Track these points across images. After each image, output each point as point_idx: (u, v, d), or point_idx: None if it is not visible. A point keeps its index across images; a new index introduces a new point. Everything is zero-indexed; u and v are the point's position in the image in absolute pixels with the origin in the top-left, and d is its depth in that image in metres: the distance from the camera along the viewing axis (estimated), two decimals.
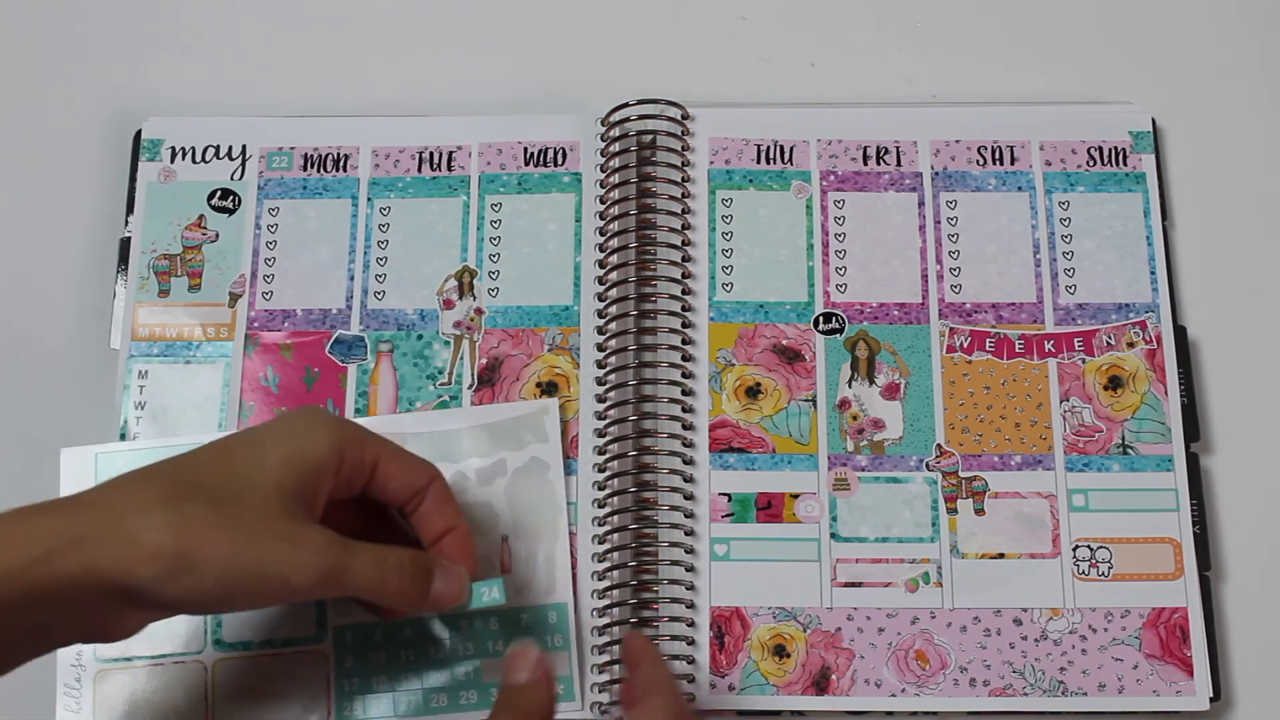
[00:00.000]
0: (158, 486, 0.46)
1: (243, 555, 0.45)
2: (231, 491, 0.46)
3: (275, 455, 0.48)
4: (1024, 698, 0.57)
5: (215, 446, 0.48)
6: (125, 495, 0.45)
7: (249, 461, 0.47)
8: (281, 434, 0.49)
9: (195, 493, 0.45)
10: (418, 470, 0.52)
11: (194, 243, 0.63)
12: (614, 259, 0.62)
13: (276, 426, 0.49)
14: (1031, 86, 0.67)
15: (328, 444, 0.49)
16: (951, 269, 0.63)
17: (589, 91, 0.66)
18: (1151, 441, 0.60)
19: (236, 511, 0.46)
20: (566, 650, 0.57)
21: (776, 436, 0.60)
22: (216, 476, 0.47)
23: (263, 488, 0.47)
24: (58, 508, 0.45)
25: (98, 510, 0.44)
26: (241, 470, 0.47)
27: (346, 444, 0.50)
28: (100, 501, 0.45)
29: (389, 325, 0.62)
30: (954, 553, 0.59)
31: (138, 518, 0.44)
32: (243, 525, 0.45)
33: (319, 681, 0.57)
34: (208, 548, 0.44)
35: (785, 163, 0.64)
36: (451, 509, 0.53)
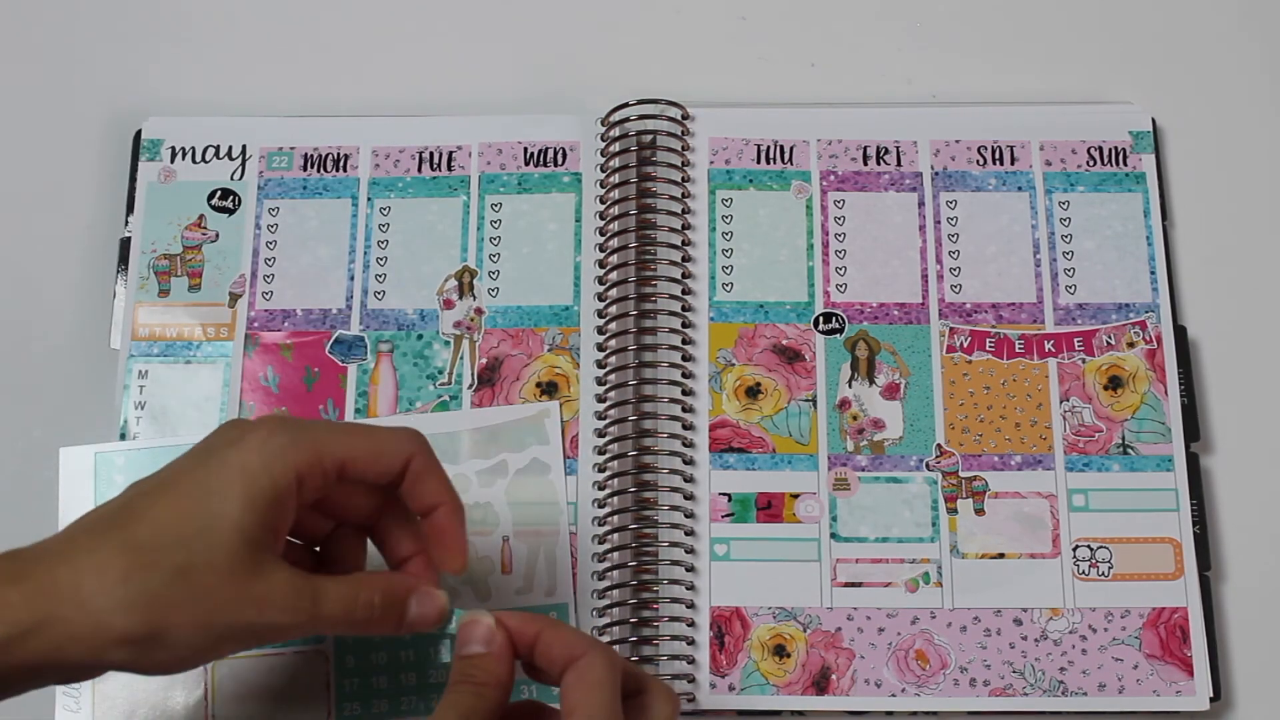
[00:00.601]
0: (117, 557, 0.43)
1: (212, 625, 0.44)
2: (193, 553, 0.44)
3: (234, 501, 0.44)
4: (1024, 698, 0.57)
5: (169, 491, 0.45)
6: (84, 572, 0.43)
7: (208, 513, 0.44)
8: (235, 469, 0.45)
9: (157, 560, 0.43)
10: (390, 454, 0.48)
11: (194, 243, 0.63)
12: (614, 259, 0.62)
13: (229, 459, 0.45)
14: (1031, 86, 0.67)
15: (283, 472, 0.45)
16: (951, 269, 0.63)
17: (589, 91, 0.66)
18: (1151, 441, 0.60)
19: (201, 578, 0.43)
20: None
21: (776, 436, 0.60)
22: (175, 534, 0.44)
23: (226, 542, 0.44)
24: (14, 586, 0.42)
25: (58, 594, 0.42)
26: (201, 522, 0.44)
27: (304, 465, 0.46)
28: (60, 580, 0.42)
29: (389, 325, 0.62)
30: (954, 553, 0.59)
31: (101, 600, 0.42)
32: (209, 593, 0.44)
33: (319, 681, 0.57)
34: (176, 623, 0.43)
35: (785, 163, 0.64)
36: (436, 482, 0.49)
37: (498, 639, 0.46)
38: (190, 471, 0.45)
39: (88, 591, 0.42)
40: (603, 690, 0.44)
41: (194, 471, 0.45)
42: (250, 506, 0.44)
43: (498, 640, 0.46)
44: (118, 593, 0.42)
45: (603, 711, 0.44)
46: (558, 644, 0.46)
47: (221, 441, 0.46)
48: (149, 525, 0.44)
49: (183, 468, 0.46)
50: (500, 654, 0.46)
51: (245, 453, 0.45)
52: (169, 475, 0.46)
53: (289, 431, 0.46)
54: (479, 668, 0.45)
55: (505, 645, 0.46)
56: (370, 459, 0.47)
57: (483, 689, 0.45)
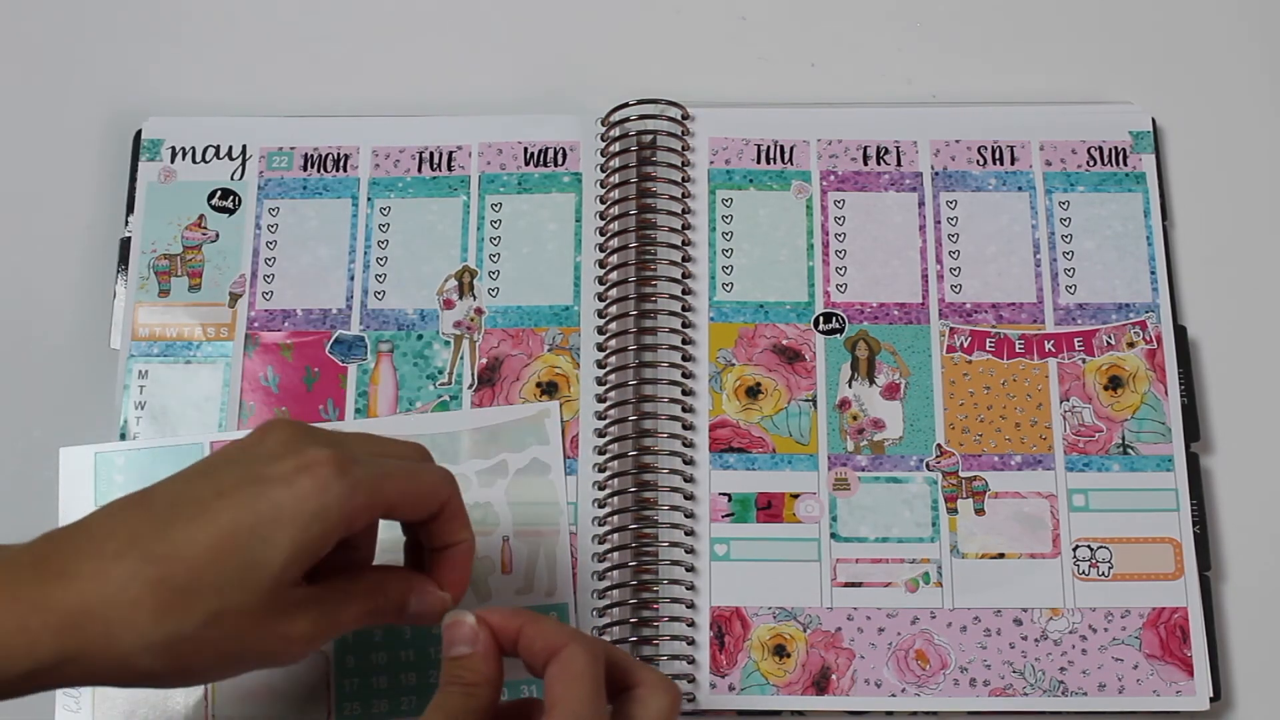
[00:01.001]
0: (150, 596, 0.42)
1: (236, 662, 0.45)
2: (227, 598, 0.43)
3: (281, 549, 0.43)
4: (1024, 698, 0.57)
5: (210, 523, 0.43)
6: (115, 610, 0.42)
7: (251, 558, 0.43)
8: (288, 515, 0.43)
9: (193, 603, 0.42)
10: (432, 498, 0.48)
11: (194, 243, 0.63)
12: (614, 259, 0.62)
13: (283, 502, 0.43)
14: (1031, 86, 0.67)
15: (338, 521, 0.44)
16: (951, 269, 0.63)
17: (589, 91, 0.66)
18: (1151, 441, 0.60)
19: (234, 622, 0.43)
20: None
21: (776, 436, 0.60)
22: (213, 577, 0.43)
23: (264, 587, 0.43)
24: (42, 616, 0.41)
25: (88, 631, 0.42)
26: (242, 564, 0.43)
27: (357, 512, 0.45)
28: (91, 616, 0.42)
29: (389, 325, 0.62)
30: (954, 553, 0.59)
31: (130, 643, 0.42)
32: (238, 635, 0.44)
33: (319, 681, 0.57)
34: (200, 663, 0.44)
35: (785, 163, 0.64)
36: (460, 523, 0.49)
37: (482, 638, 0.45)
38: (236, 503, 0.44)
39: (118, 633, 0.42)
40: (583, 682, 0.44)
41: (240, 505, 0.43)
42: (296, 556, 0.44)
43: (482, 639, 0.45)
44: (149, 635, 0.42)
45: (584, 704, 0.44)
46: (539, 638, 0.45)
47: (275, 474, 0.44)
48: (185, 565, 0.42)
49: (226, 490, 0.44)
50: (486, 652, 0.45)
51: (300, 499, 0.44)
52: (211, 498, 0.44)
53: (347, 478, 0.44)
54: (466, 668, 0.45)
55: (490, 643, 0.45)
56: (415, 503, 0.48)
57: (471, 689, 0.45)
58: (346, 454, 0.45)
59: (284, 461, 0.44)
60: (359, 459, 0.46)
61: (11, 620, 0.41)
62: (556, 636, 0.45)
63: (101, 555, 0.43)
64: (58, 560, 0.43)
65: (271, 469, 0.44)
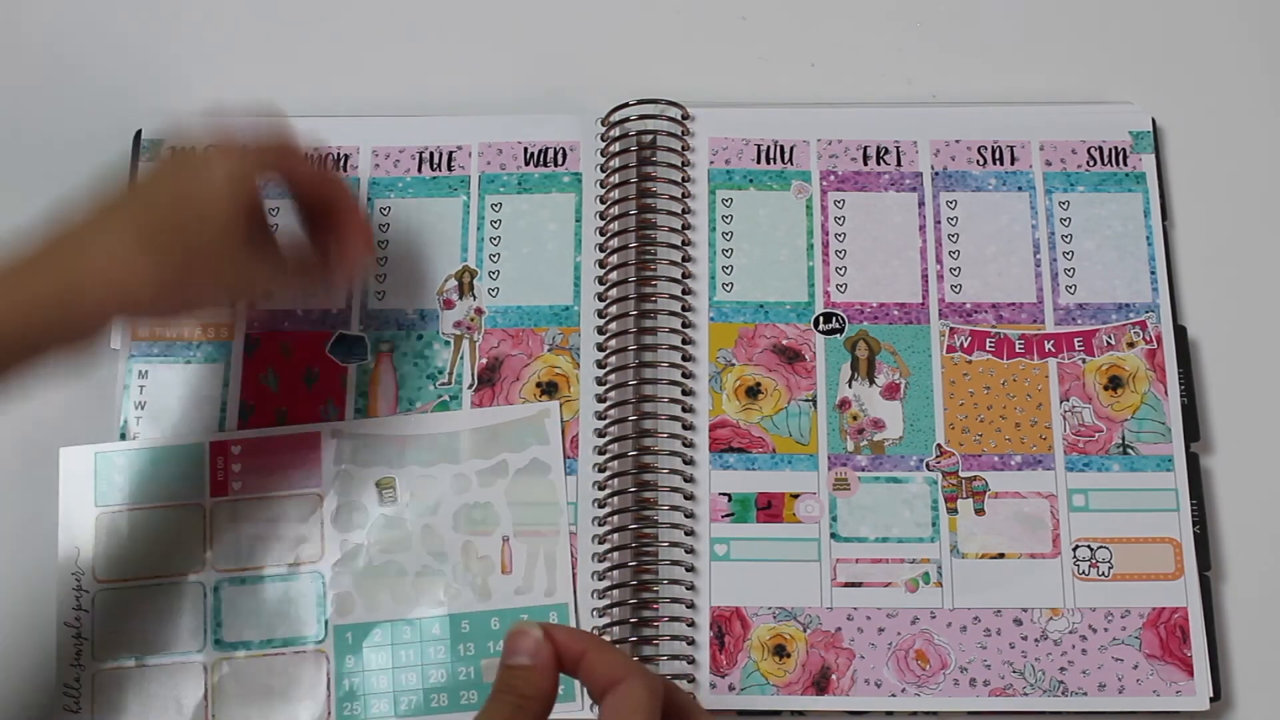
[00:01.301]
0: (136, 233, 0.50)
1: (212, 294, 0.54)
2: (195, 236, 0.52)
3: (219, 202, 0.52)
4: (1024, 698, 0.57)
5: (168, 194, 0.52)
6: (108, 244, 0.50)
7: (203, 215, 0.52)
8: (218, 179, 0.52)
9: (170, 240, 0.51)
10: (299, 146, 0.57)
11: None
12: (614, 259, 0.62)
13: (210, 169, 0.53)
14: (1031, 86, 0.67)
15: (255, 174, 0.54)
16: (951, 269, 0.63)
17: (589, 91, 0.66)
18: (1151, 441, 0.60)
19: (206, 259, 0.52)
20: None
21: (776, 436, 0.60)
22: (176, 220, 0.51)
23: (217, 230, 0.52)
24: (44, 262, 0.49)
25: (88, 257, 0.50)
26: (198, 219, 0.52)
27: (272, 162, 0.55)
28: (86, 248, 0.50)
29: (389, 325, 0.62)
30: (954, 553, 0.59)
31: (124, 263, 0.50)
32: (212, 271, 0.52)
33: (319, 681, 0.57)
34: (185, 292, 0.52)
35: (785, 163, 0.64)
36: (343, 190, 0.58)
37: (544, 652, 0.45)
38: (175, 179, 0.53)
39: (112, 262, 0.49)
40: (639, 717, 0.44)
41: (179, 179, 0.53)
42: (232, 209, 0.52)
43: (544, 654, 0.45)
44: (138, 263, 0.50)
45: None
46: (601, 665, 0.45)
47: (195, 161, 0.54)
48: (153, 216, 0.51)
49: (161, 176, 0.54)
50: (545, 668, 0.45)
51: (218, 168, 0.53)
52: (150, 184, 0.54)
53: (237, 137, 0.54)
54: (523, 679, 0.45)
55: (550, 659, 0.45)
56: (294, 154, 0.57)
57: (524, 701, 0.44)
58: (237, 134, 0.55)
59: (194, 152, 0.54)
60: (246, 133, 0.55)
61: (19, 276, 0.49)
62: (619, 667, 0.45)
63: (85, 224, 0.51)
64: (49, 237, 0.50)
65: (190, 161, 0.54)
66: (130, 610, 0.58)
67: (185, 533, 0.59)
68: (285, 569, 0.59)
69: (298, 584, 0.58)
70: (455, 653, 0.58)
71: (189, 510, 0.59)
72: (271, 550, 0.59)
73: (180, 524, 0.59)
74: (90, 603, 0.58)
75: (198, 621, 0.58)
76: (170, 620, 0.58)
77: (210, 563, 0.59)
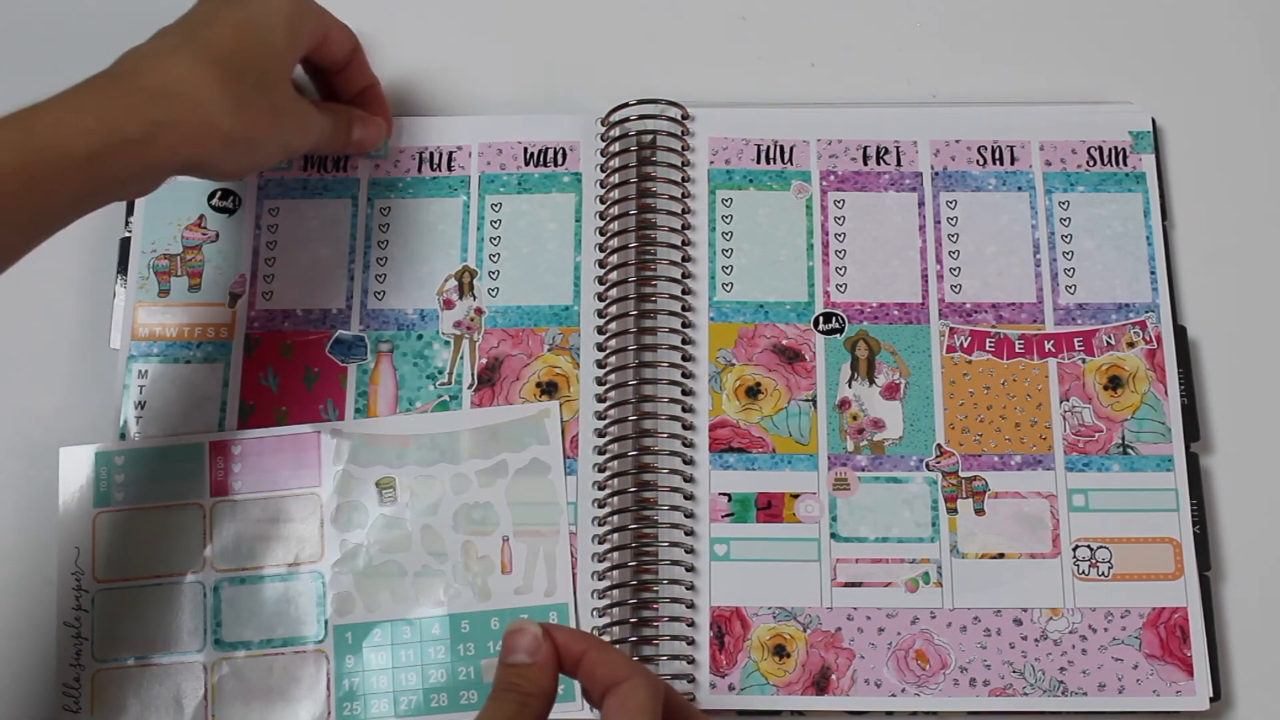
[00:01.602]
0: (213, 67, 0.51)
1: (280, 136, 0.55)
2: (265, 74, 0.54)
3: (281, 34, 0.55)
4: (1024, 698, 0.57)
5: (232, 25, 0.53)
6: (190, 79, 0.51)
7: (267, 44, 0.54)
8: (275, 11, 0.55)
9: (244, 76, 0.52)
10: (350, 37, 0.60)
11: (194, 243, 0.63)
12: (614, 259, 0.62)
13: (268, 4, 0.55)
14: (1031, 86, 0.67)
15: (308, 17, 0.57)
16: (951, 269, 0.63)
17: (589, 91, 0.66)
18: (1151, 441, 0.60)
19: (274, 97, 0.54)
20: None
21: (776, 436, 0.60)
22: (246, 52, 0.53)
23: (280, 71, 0.55)
24: (141, 93, 0.49)
25: (179, 99, 0.50)
26: (263, 49, 0.54)
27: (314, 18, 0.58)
28: (175, 89, 0.50)
29: (389, 325, 0.62)
30: (954, 553, 0.59)
31: (212, 107, 0.51)
32: (280, 110, 0.55)
33: (319, 681, 0.57)
34: (262, 132, 0.54)
35: (785, 163, 0.64)
36: (369, 69, 0.63)
37: (543, 650, 0.45)
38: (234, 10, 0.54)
39: (199, 97, 0.51)
40: (643, 718, 0.44)
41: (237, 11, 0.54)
42: (291, 42, 0.55)
43: (543, 651, 0.45)
44: (222, 99, 0.51)
45: None
46: (602, 665, 0.45)
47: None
48: (224, 48, 0.52)
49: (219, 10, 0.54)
50: (545, 665, 0.45)
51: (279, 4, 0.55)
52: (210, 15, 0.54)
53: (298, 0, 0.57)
54: (524, 677, 0.45)
55: (550, 657, 0.45)
56: (342, 36, 0.60)
57: (527, 699, 0.44)
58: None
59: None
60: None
61: (102, 103, 0.48)
62: (621, 668, 0.45)
63: (158, 55, 0.51)
64: (125, 69, 0.51)
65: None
66: (130, 610, 0.58)
67: (185, 532, 0.59)
68: (285, 569, 0.59)
69: (297, 584, 0.58)
70: (455, 653, 0.58)
71: (189, 510, 0.59)
72: (271, 550, 0.59)
73: (180, 524, 0.59)
74: (90, 602, 0.58)
75: (197, 621, 0.58)
76: (170, 620, 0.58)
77: (210, 562, 0.59)
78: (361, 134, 0.62)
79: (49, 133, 0.47)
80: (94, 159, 0.48)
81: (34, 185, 0.46)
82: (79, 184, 0.48)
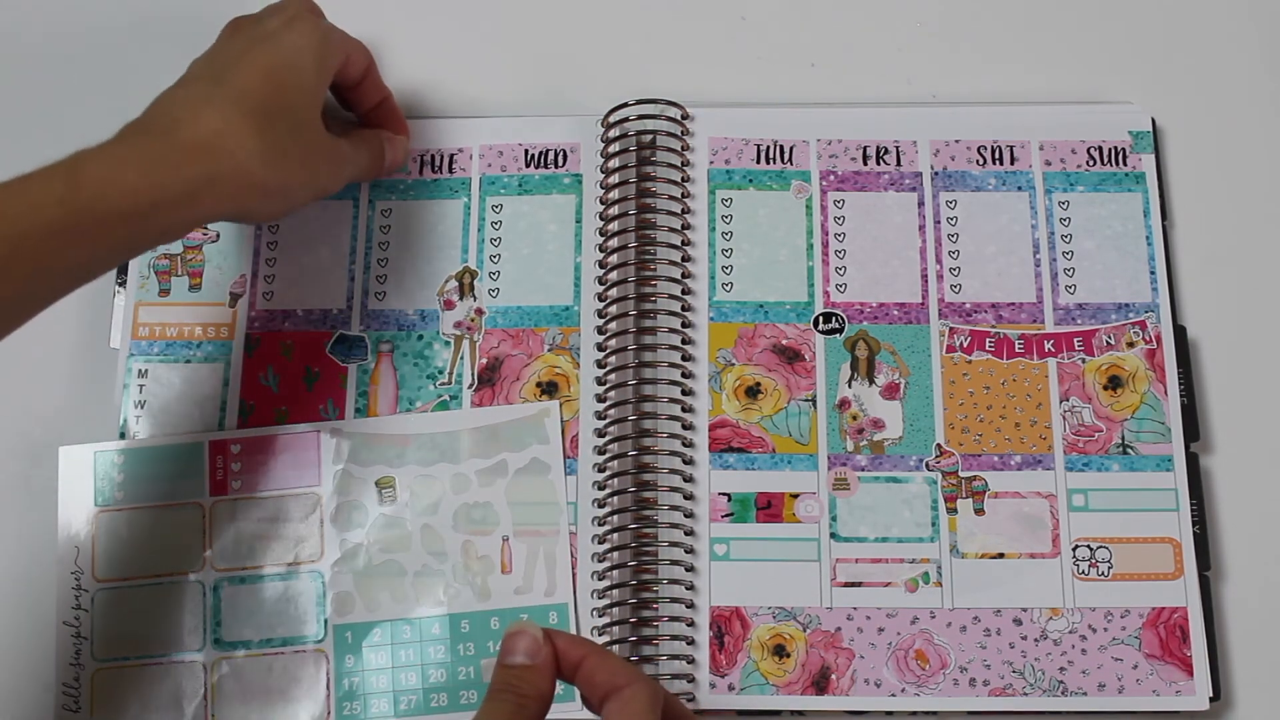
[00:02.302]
0: (246, 116, 0.51)
1: (314, 181, 0.56)
2: (297, 118, 0.54)
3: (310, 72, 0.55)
4: (1024, 698, 0.57)
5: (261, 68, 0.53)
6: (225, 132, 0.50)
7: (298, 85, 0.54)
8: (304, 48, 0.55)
9: (276, 124, 0.52)
10: (365, 55, 0.60)
11: (194, 243, 0.64)
12: (614, 259, 0.62)
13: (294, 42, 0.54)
14: (1031, 86, 0.67)
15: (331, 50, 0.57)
16: (951, 269, 0.63)
17: (589, 92, 0.66)
18: (1151, 441, 0.60)
19: (308, 142, 0.55)
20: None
21: (776, 436, 0.60)
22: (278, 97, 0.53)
23: (313, 112, 0.55)
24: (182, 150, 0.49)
25: (217, 154, 0.50)
26: (294, 91, 0.54)
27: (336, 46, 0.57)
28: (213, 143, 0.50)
29: (389, 325, 0.62)
30: (954, 552, 0.59)
31: (249, 160, 0.51)
32: (311, 155, 0.55)
33: (319, 681, 0.57)
34: (296, 179, 0.54)
35: (785, 163, 0.64)
36: (382, 83, 0.63)
37: (543, 653, 0.45)
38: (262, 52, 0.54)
39: (236, 150, 0.50)
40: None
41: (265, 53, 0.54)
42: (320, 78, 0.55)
43: (543, 654, 0.45)
44: (257, 148, 0.51)
45: None
46: (602, 671, 0.45)
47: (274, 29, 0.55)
48: (255, 95, 0.52)
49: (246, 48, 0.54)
50: (544, 669, 0.45)
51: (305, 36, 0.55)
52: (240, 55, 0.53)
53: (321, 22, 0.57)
54: (523, 680, 0.45)
55: (550, 661, 0.45)
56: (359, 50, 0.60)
57: (525, 701, 0.44)
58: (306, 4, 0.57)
59: (273, 19, 0.56)
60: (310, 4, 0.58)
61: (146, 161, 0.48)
62: (620, 674, 0.45)
63: (193, 105, 0.51)
64: (162, 121, 0.51)
65: (268, 26, 0.55)
66: (130, 609, 0.58)
67: (185, 532, 0.59)
68: (285, 568, 0.59)
69: (297, 583, 0.58)
70: (455, 652, 0.58)
71: (188, 509, 0.59)
72: (271, 549, 0.59)
73: (180, 523, 0.59)
74: (90, 602, 0.58)
75: (197, 621, 0.58)
76: (170, 619, 0.58)
77: (210, 562, 0.59)
78: (391, 158, 0.62)
79: (95, 188, 0.47)
80: (138, 216, 0.48)
81: (77, 240, 0.47)
82: (120, 239, 0.48)
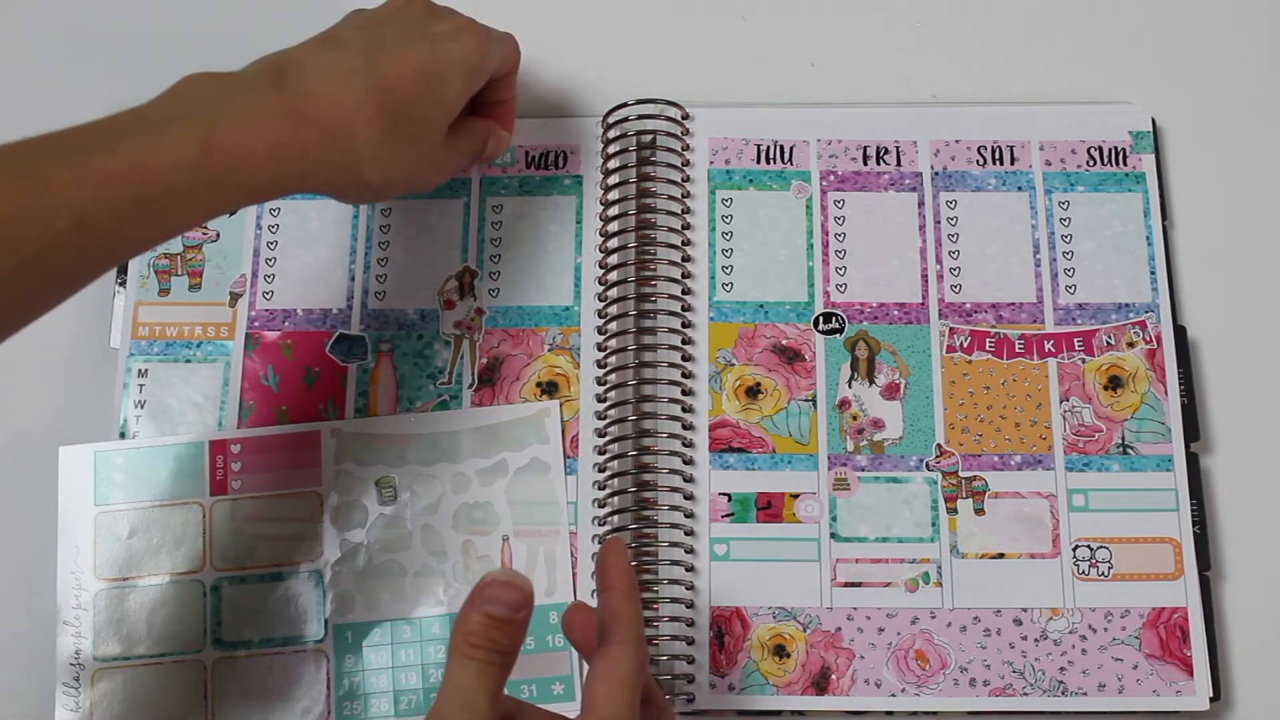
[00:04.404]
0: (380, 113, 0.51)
1: (411, 184, 0.55)
2: (423, 124, 0.53)
3: (454, 89, 0.54)
4: (1024, 698, 0.57)
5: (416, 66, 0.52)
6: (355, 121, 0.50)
7: (439, 98, 0.54)
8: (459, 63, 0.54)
9: (402, 129, 0.52)
10: (515, 56, 0.60)
11: (194, 242, 0.64)
12: (614, 259, 0.62)
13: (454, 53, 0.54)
14: (1031, 86, 0.67)
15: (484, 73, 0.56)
16: (951, 269, 0.63)
17: (589, 92, 0.66)
18: (1151, 441, 0.60)
19: (422, 152, 0.54)
20: (566, 650, 0.57)
21: (776, 436, 0.60)
22: (417, 104, 0.52)
23: (440, 126, 0.55)
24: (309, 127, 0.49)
25: (340, 143, 0.50)
26: (433, 103, 0.53)
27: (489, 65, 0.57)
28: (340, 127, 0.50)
29: (389, 325, 0.62)
30: (954, 553, 0.59)
31: (365, 158, 0.51)
32: (424, 159, 0.54)
33: (319, 681, 0.57)
34: (399, 179, 0.54)
35: (785, 163, 0.64)
36: (514, 86, 0.61)
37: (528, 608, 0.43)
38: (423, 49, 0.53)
39: (356, 144, 0.50)
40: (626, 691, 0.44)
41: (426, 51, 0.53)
42: (461, 95, 0.55)
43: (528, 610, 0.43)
44: (375, 149, 0.51)
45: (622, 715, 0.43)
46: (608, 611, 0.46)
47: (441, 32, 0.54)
48: (399, 95, 0.52)
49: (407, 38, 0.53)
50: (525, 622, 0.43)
51: (466, 51, 0.54)
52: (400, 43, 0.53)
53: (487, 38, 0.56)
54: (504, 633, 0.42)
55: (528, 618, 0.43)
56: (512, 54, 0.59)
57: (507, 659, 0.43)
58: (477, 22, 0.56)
59: (443, 22, 0.55)
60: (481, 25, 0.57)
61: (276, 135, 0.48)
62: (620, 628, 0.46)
63: (332, 79, 0.50)
64: (294, 80, 0.50)
65: (436, 28, 0.55)
66: (130, 610, 0.58)
67: (185, 531, 0.59)
68: (285, 568, 0.59)
69: (297, 583, 0.58)
70: None
71: (189, 509, 0.59)
72: (271, 549, 0.59)
73: (180, 523, 0.59)
74: (90, 602, 0.58)
75: (197, 620, 0.58)
76: (170, 619, 0.58)
77: (210, 561, 0.59)
78: (493, 150, 0.61)
79: (227, 159, 0.47)
80: (257, 189, 0.48)
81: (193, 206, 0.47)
82: (224, 205, 0.48)
